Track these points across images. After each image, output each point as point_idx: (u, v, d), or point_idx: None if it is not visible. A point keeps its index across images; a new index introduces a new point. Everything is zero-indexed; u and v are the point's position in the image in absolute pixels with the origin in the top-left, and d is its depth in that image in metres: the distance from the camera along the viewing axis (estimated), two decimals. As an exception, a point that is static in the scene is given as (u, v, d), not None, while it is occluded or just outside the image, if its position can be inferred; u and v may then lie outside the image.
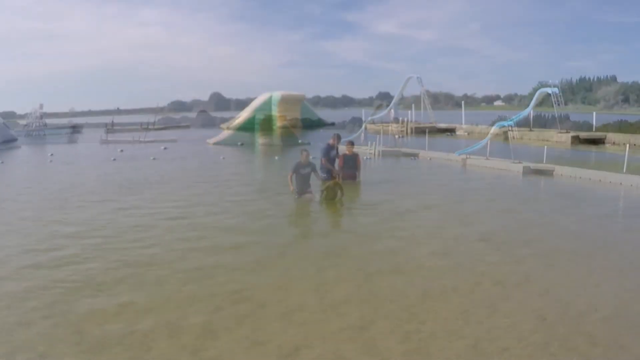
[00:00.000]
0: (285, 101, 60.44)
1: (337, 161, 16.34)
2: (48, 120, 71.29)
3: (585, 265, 8.19)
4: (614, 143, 30.26)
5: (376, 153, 44.89)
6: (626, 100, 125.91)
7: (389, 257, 8.64)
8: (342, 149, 16.82)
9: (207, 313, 6.38)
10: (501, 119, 39.09)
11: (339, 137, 16.54)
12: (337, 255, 8.83)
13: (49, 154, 30.28)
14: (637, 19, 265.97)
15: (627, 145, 20.68)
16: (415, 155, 45.33)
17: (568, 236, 9.94)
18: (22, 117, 62.87)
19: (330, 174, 15.92)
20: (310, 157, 14.15)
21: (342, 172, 15.97)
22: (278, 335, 5.77)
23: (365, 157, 39.59)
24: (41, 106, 64.51)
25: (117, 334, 5.83)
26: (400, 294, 6.96)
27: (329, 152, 16.29)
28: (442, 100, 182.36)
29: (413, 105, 54.06)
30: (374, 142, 45.39)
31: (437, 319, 6.12)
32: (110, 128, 63.60)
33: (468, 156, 39.31)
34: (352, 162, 16.26)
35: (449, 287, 7.18)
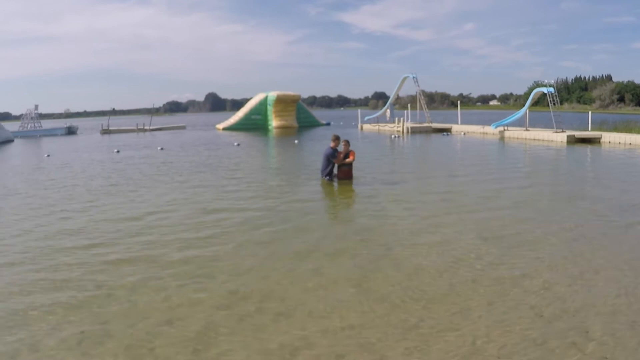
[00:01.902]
0: (281, 101, 60.66)
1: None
2: (43, 121, 71.28)
3: None
4: (609, 142, 30.26)
5: (404, 130, 44.84)
6: (621, 99, 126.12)
7: (389, 260, 8.63)
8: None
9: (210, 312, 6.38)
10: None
11: (338, 138, 16.55)
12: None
13: (45, 155, 30.32)
14: (632, 19, 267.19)
15: None
16: (447, 131, 45.20)
17: None
18: (17, 118, 62.76)
19: (332, 174, 16.41)
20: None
21: (338, 172, 16.19)
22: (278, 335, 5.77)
23: (392, 136, 39.86)
24: (36, 107, 64.69)
25: (120, 334, 5.85)
26: (399, 291, 6.96)
27: (335, 155, 16.28)
28: (438, 100, 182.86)
29: (409, 105, 54.06)
30: (401, 119, 45.31)
31: (435, 316, 6.13)
32: (106, 130, 63.52)
33: (506, 128, 39.29)
34: (346, 165, 16.33)
35: (447, 286, 7.18)
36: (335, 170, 16.47)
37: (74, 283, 7.57)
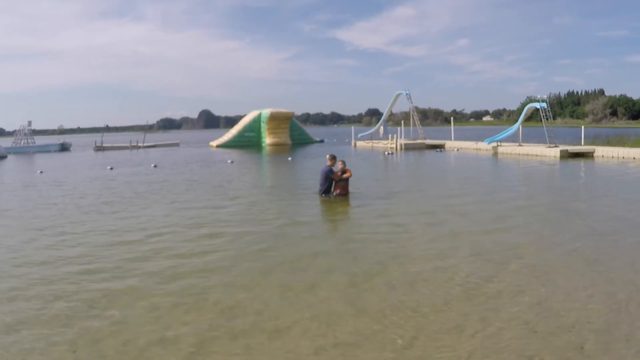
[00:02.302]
0: (275, 118, 60.80)
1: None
2: (37, 137, 71.15)
3: None
4: (602, 156, 30.38)
5: (398, 147, 44.97)
6: (614, 113, 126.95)
7: (383, 277, 8.60)
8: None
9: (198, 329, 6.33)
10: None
11: (334, 158, 16.96)
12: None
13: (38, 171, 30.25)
14: (625, 32, 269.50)
15: None
16: (441, 147, 45.48)
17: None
18: (10, 134, 62.71)
19: (329, 191, 16.65)
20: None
21: (335, 188, 16.59)
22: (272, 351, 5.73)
23: (386, 153, 39.93)
24: (29, 123, 64.64)
25: (112, 354, 5.79)
26: (393, 309, 6.93)
27: (332, 172, 16.62)
28: (431, 117, 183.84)
29: (402, 121, 54.23)
30: (394, 135, 45.45)
31: (427, 332, 6.10)
32: (100, 146, 63.49)
33: (499, 144, 39.54)
34: (342, 181, 16.51)
35: (439, 300, 7.15)
36: (332, 187, 16.63)
37: (64, 301, 7.50)
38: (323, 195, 16.57)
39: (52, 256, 10.16)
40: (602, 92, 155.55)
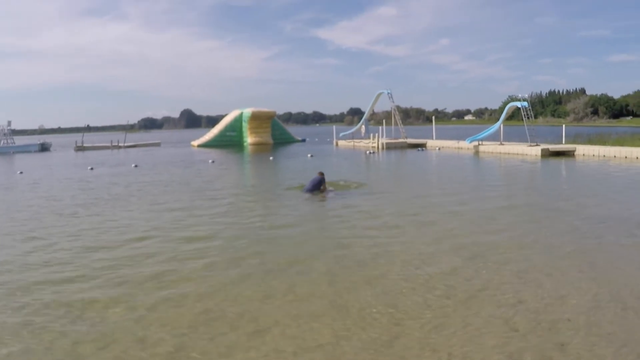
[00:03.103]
0: (256, 118, 60.63)
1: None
2: (17, 138, 70.43)
3: None
4: (583, 155, 30.58)
5: (379, 146, 45.06)
6: (595, 112, 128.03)
7: (362, 277, 8.55)
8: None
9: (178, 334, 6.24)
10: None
11: (322, 174, 18.25)
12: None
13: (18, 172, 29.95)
14: (606, 32, 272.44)
15: None
16: (422, 146, 45.75)
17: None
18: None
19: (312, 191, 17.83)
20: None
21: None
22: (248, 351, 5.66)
23: (367, 152, 39.95)
24: (9, 123, 63.91)
25: (90, 356, 5.70)
26: (373, 308, 6.88)
27: (322, 182, 17.88)
28: (413, 116, 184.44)
29: (384, 120, 54.29)
30: (376, 134, 45.56)
31: (410, 332, 6.05)
32: (80, 146, 62.98)
33: (480, 143, 39.78)
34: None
35: (421, 301, 7.11)
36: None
37: (42, 304, 7.37)
38: (307, 194, 17.52)
39: (26, 259, 10.01)
40: (583, 91, 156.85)
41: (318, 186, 17.68)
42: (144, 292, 7.84)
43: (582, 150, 31.32)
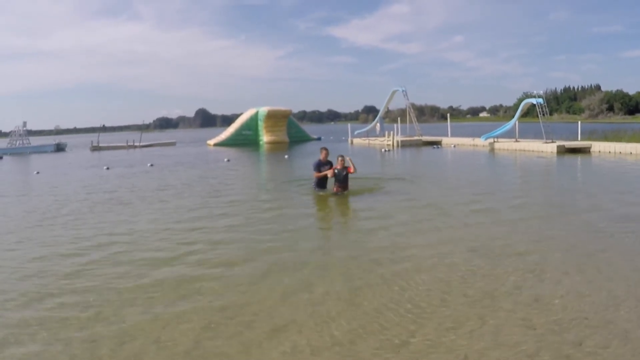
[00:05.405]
0: (272, 116, 60.76)
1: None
2: (33, 138, 71.06)
3: None
4: (599, 152, 30.37)
5: (394, 144, 45.27)
6: (610, 108, 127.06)
7: (379, 275, 8.56)
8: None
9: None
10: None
11: (327, 151, 16.63)
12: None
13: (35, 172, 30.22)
14: (620, 28, 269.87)
15: None
16: (437, 144, 45.89)
17: None
18: (6, 134, 62.54)
19: (323, 186, 16.55)
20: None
21: (335, 186, 16.29)
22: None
23: (383, 150, 39.96)
24: (25, 124, 64.45)
25: (108, 354, 5.75)
26: (390, 307, 6.88)
27: (320, 167, 16.47)
28: (428, 113, 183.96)
29: (399, 118, 54.17)
30: (391, 132, 45.74)
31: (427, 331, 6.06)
32: (96, 146, 63.38)
33: (496, 140, 39.76)
34: (342, 177, 16.21)
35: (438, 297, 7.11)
36: (326, 182, 16.59)
37: (60, 302, 7.45)
38: (316, 189, 16.66)
39: (44, 254, 10.10)
40: (598, 87, 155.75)
41: (345, 179, 16.19)
42: (162, 290, 7.89)
43: (598, 147, 31.10)
